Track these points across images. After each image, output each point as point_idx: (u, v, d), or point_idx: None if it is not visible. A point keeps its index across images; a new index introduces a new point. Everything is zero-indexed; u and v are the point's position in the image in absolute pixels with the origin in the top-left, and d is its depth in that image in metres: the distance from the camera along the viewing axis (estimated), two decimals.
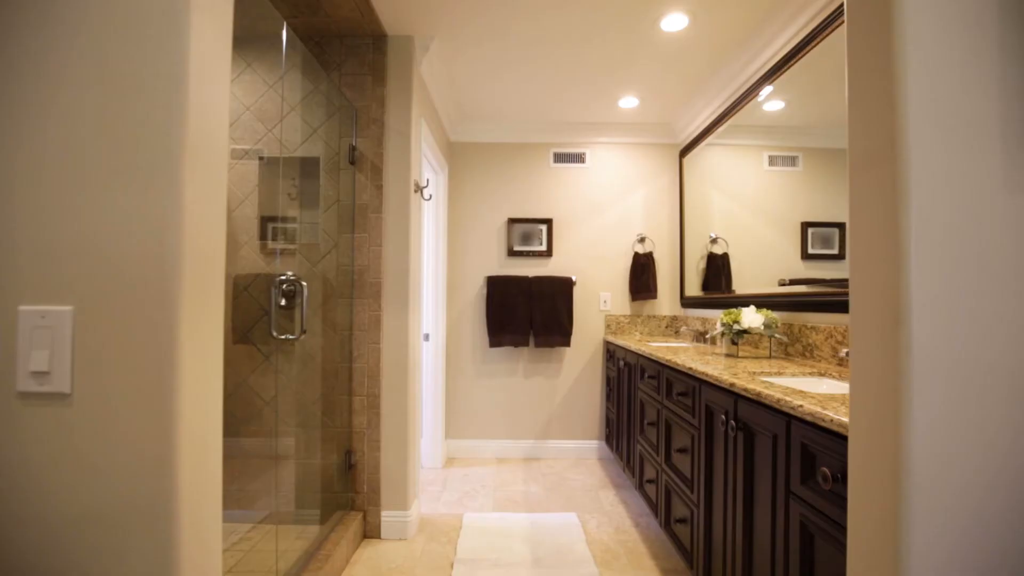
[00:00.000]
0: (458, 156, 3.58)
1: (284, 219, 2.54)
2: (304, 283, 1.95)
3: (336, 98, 2.38)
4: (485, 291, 3.49)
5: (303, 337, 2.12)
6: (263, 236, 2.49)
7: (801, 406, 1.12)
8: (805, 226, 2.21)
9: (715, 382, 1.58)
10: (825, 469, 1.02)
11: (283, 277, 1.96)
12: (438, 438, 3.31)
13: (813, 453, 1.10)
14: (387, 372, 2.35)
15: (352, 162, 2.35)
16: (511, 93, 3.03)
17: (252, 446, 2.57)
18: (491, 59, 2.63)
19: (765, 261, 2.46)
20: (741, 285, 2.72)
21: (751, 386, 1.36)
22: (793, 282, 2.22)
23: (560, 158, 3.57)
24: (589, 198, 3.57)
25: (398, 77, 2.39)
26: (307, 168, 2.45)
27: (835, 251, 2.01)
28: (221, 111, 0.82)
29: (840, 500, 1.00)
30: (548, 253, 3.53)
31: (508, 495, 2.82)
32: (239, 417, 2.52)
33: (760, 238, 2.54)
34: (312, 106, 2.43)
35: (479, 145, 3.58)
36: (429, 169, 3.12)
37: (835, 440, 1.01)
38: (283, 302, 2.31)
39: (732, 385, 1.46)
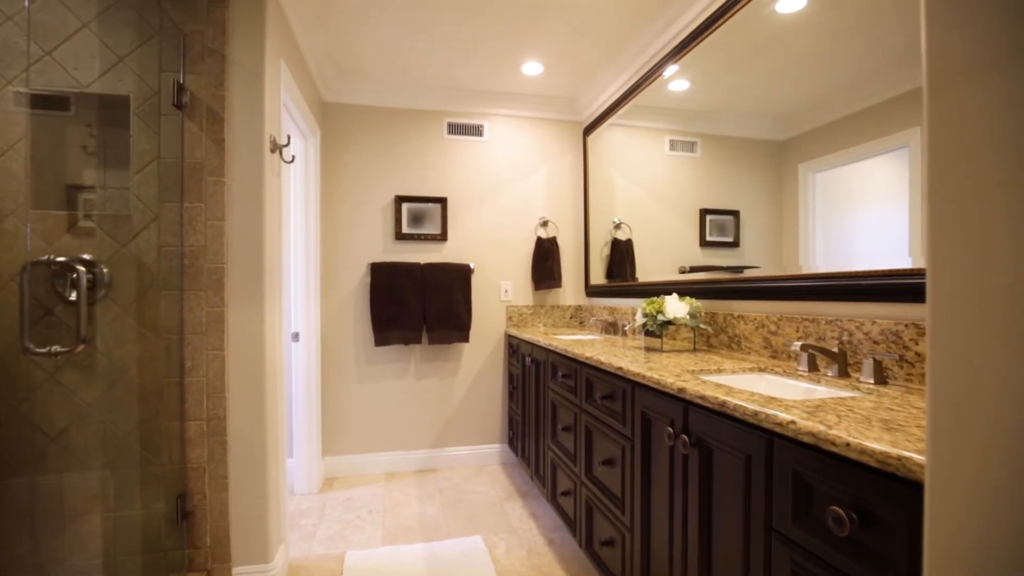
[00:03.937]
0: (334, 119, 3.00)
1: (79, 185, 1.83)
2: (83, 268, 1.33)
3: (153, 17, 1.74)
4: (369, 280, 2.98)
5: (82, 348, 1.49)
6: (68, 205, 1.75)
7: (793, 423, 0.86)
8: (704, 213, 2.20)
9: (655, 386, 1.32)
10: (838, 510, 0.77)
11: (47, 259, 1.33)
12: (313, 457, 2.76)
13: (809, 483, 0.86)
14: (236, 386, 1.79)
15: (179, 106, 1.73)
16: (398, 45, 2.55)
17: (34, 496, 1.85)
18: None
19: (667, 248, 2.40)
20: (645, 273, 2.59)
21: (710, 393, 1.10)
22: (693, 269, 2.19)
23: (455, 129, 3.16)
24: (488, 176, 3.21)
25: None
26: (111, 111, 1.77)
27: (731, 239, 2.02)
28: None
29: (864, 552, 0.75)
30: (443, 237, 3.12)
31: (400, 520, 2.39)
32: (9, 459, 1.78)
33: (662, 224, 2.46)
34: (116, 24, 1.75)
35: (361, 108, 3.03)
36: (295, 130, 2.53)
37: (850, 470, 0.76)
38: (72, 296, 1.64)
39: (682, 391, 1.19)
